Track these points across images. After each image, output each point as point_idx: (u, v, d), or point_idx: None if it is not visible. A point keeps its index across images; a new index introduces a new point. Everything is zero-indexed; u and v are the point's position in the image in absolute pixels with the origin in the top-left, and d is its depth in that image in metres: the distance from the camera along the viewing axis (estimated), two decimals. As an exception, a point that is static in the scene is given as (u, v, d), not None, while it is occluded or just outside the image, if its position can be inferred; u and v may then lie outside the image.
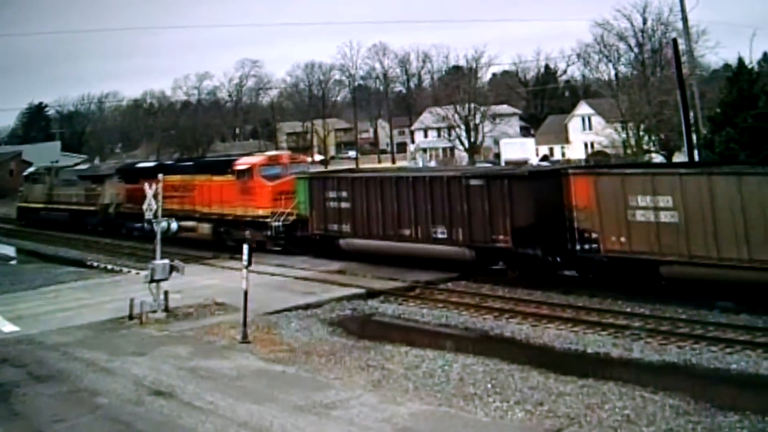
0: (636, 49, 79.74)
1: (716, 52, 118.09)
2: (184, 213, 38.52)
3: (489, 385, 15.73)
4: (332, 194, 32.46)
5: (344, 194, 31.98)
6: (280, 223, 34.43)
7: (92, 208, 49.93)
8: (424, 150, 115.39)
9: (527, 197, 25.87)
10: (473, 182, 27.64)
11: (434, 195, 28.58)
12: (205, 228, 39.34)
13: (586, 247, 24.49)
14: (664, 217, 22.61)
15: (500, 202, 26.48)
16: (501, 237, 26.44)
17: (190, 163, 47.07)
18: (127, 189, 45.63)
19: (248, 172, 37.03)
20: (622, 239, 23.62)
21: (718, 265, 21.49)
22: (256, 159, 38.81)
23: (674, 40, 41.17)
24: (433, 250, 28.59)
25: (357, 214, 31.38)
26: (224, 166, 39.15)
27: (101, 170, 54.19)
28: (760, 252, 20.64)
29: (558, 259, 26.05)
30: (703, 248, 21.80)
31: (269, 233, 34.85)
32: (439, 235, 28.35)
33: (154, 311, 22.85)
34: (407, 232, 29.44)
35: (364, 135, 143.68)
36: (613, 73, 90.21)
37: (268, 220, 34.92)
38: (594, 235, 24.25)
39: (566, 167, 29.97)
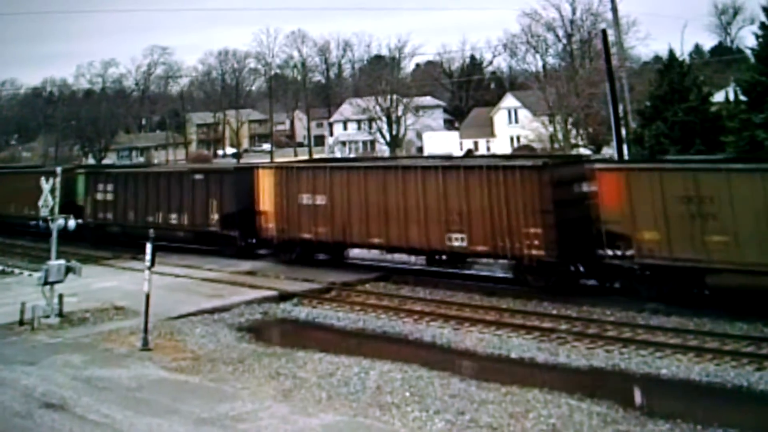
0: (564, 40, 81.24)
1: (646, 44, 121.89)
2: None
3: (407, 394, 15.67)
4: (101, 186, 39.82)
5: (109, 187, 39.47)
6: None
7: None
8: (344, 143, 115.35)
9: (230, 189, 33.13)
10: (196, 176, 35.15)
11: (171, 188, 35.89)
12: None
13: (265, 228, 31.38)
14: (320, 200, 29.31)
15: (215, 194, 33.67)
16: (213, 222, 33.34)
17: None
18: None
19: None
20: (289, 223, 30.42)
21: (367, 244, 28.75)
22: None
23: (603, 31, 41.77)
24: (169, 234, 35.17)
25: (128, 205, 38.17)
26: None
27: None
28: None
29: (253, 240, 32.85)
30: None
31: None
32: (172, 221, 35.37)
33: (47, 316, 22.22)
34: (150, 218, 36.07)
35: (280, 127, 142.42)
36: (540, 64, 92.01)
37: None
38: (270, 224, 31.11)
39: (257, 165, 36.21)
